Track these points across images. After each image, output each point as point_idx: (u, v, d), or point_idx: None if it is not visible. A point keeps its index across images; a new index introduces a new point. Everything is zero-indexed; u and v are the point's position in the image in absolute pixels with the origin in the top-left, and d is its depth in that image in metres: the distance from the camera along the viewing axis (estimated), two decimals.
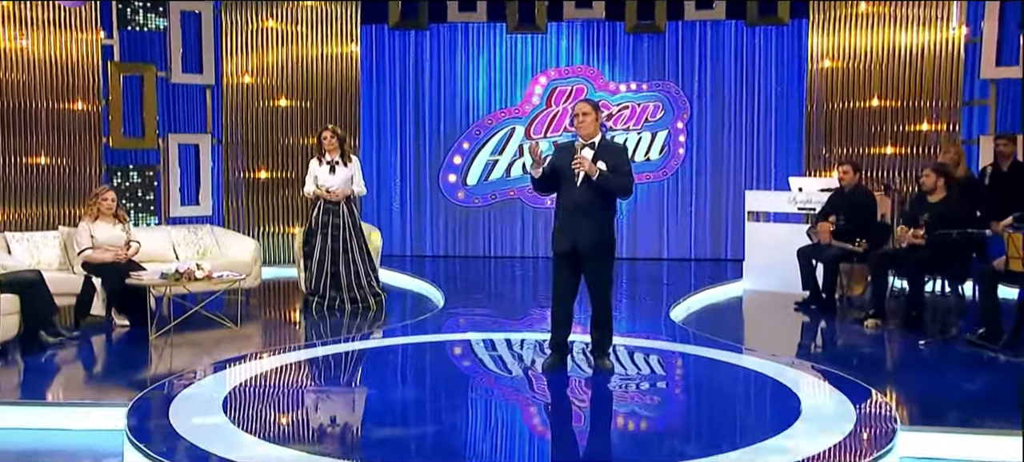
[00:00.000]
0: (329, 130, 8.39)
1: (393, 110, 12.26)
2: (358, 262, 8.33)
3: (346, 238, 8.29)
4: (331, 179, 8.28)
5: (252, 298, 8.91)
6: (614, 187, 5.68)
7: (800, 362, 6.28)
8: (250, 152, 11.21)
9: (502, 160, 12.18)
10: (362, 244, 8.43)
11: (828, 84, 10.93)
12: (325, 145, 8.30)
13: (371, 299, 8.35)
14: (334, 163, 8.29)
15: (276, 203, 11.35)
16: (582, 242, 5.68)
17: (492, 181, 12.21)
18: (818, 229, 8.38)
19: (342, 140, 8.40)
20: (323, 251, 8.27)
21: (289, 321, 8.31)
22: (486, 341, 6.93)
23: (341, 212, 8.31)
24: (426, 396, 5.55)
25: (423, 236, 12.39)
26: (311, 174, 8.39)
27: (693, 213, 12.03)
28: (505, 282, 10.39)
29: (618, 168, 5.68)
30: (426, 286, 9.75)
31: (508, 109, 12.17)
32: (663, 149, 11.95)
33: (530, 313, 8.44)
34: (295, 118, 11.35)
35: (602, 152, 5.71)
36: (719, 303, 9.10)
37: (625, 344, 6.62)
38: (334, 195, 8.25)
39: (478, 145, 12.23)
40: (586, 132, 5.71)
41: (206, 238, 9.00)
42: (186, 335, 7.13)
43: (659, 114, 11.94)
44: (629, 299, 8.90)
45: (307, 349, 6.71)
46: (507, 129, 12.17)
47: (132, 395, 5.34)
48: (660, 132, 11.95)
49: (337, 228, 8.29)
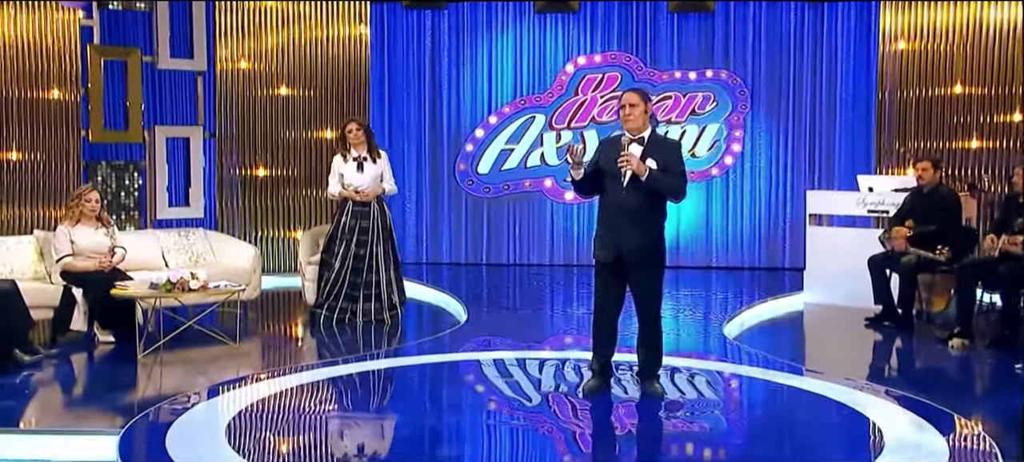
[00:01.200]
0: (355, 123, 8.39)
1: (407, 100, 12.30)
2: (382, 271, 8.33)
3: (374, 243, 8.31)
4: (359, 177, 8.29)
5: (251, 311, 8.94)
6: (665, 188, 5.66)
7: (872, 385, 6.23)
8: (247, 147, 11.25)
9: (518, 150, 12.22)
10: (391, 250, 8.44)
11: (903, 68, 10.84)
12: (350, 139, 8.31)
13: (387, 314, 8.37)
14: (362, 159, 8.32)
15: (276, 204, 11.40)
16: (628, 250, 5.66)
17: (505, 170, 12.27)
18: (892, 235, 8.30)
19: (370, 134, 8.43)
20: (345, 258, 8.29)
21: (293, 337, 8.34)
22: (518, 361, 6.93)
23: (371, 213, 8.32)
24: (450, 424, 5.56)
25: (440, 241, 12.43)
26: (335, 173, 8.40)
27: (746, 216, 12.02)
28: (535, 293, 10.39)
29: (670, 167, 5.65)
30: (445, 297, 9.78)
31: (531, 97, 12.21)
32: (713, 145, 11.93)
33: (566, 329, 8.44)
34: (297, 109, 11.38)
35: (652, 148, 5.69)
36: (777, 318, 9.08)
37: (674, 364, 6.61)
38: (364, 195, 8.29)
39: (493, 133, 12.27)
40: (634, 125, 5.68)
41: (199, 244, 9.04)
42: (178, 353, 7.14)
43: (709, 105, 11.90)
44: (677, 313, 8.90)
45: (316, 369, 6.74)
46: (526, 118, 12.20)
47: (118, 421, 5.35)
48: (710, 125, 11.93)
49: (365, 232, 8.30)
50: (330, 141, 11.31)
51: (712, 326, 8.36)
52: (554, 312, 9.38)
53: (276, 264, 11.40)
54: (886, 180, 9.67)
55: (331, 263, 8.35)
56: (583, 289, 10.45)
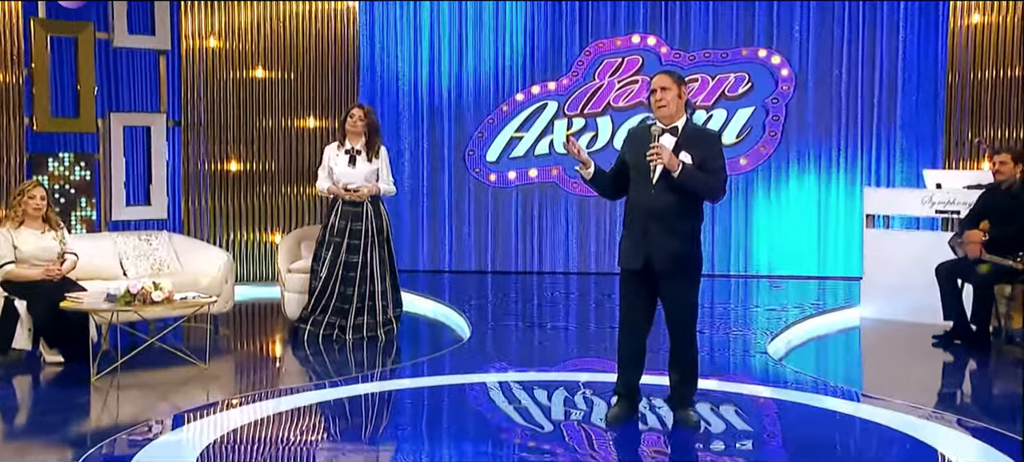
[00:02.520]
0: (361, 110, 8.42)
1: (401, 84, 12.35)
2: (376, 280, 8.36)
3: (367, 248, 8.33)
4: (350, 173, 8.32)
5: (223, 327, 8.96)
6: (701, 187, 5.64)
7: (940, 414, 6.22)
8: (217, 137, 11.28)
9: (527, 138, 12.33)
10: (387, 257, 8.46)
11: (976, 45, 10.82)
12: (349, 126, 8.35)
13: (381, 330, 8.40)
14: (355, 152, 8.34)
15: (251, 203, 11.43)
16: (658, 257, 5.65)
17: (514, 158, 12.36)
18: (965, 239, 8.28)
19: (374, 128, 8.42)
20: (334, 266, 8.31)
21: (271, 357, 8.35)
22: (529, 384, 6.95)
23: (364, 215, 8.33)
24: (453, 456, 5.57)
25: (440, 246, 12.50)
26: (325, 165, 8.43)
27: (792, 216, 12.02)
28: (549, 305, 10.40)
29: (707, 162, 5.64)
30: (446, 310, 9.81)
31: (546, 82, 12.29)
32: (743, 131, 11.96)
33: (586, 348, 8.45)
34: (275, 93, 11.41)
35: (687, 140, 5.67)
36: (829, 335, 9.11)
37: (710, 389, 6.62)
38: (358, 195, 8.31)
39: (504, 122, 12.36)
40: (666, 113, 5.67)
41: (162, 249, 9.06)
42: (138, 375, 7.15)
43: (742, 88, 11.93)
44: (714, 330, 8.93)
45: (298, 394, 6.74)
46: (538, 105, 12.29)
47: (68, 455, 5.34)
48: (742, 110, 11.96)
49: (357, 236, 8.32)
50: (313, 130, 11.34)
51: (754, 345, 8.36)
52: (571, 328, 9.39)
53: (252, 272, 11.42)
54: (957, 175, 9.65)
55: (318, 271, 8.36)
56: (606, 301, 10.49)
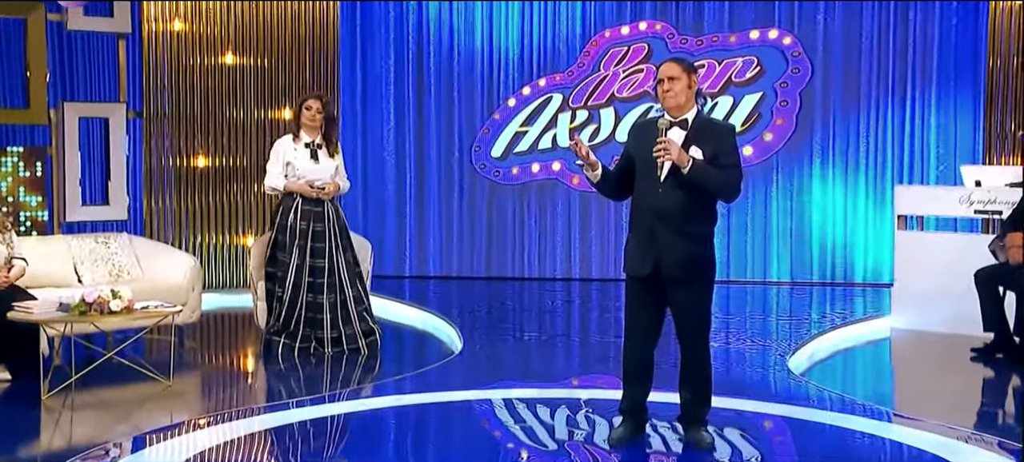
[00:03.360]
0: (319, 101, 8.38)
1: (386, 72, 12.35)
2: (346, 286, 8.34)
3: (333, 250, 8.31)
4: (315, 169, 8.29)
5: (189, 339, 8.93)
6: (713, 185, 5.64)
7: (980, 436, 6.20)
8: (183, 130, 11.21)
9: (530, 132, 12.37)
10: (353, 260, 8.45)
11: (1021, 30, 10.82)
12: (305, 119, 8.31)
13: (362, 340, 8.38)
14: (316, 147, 8.33)
15: (221, 202, 11.39)
16: (667, 262, 5.64)
17: (518, 154, 12.40)
18: (1007, 243, 8.25)
19: (331, 121, 8.42)
20: (300, 271, 8.25)
21: (242, 372, 8.33)
22: (527, 401, 6.95)
23: (326, 216, 8.33)
24: None
25: (426, 248, 12.50)
26: (279, 160, 8.37)
27: (814, 216, 12.01)
28: (548, 314, 10.40)
29: (720, 157, 5.64)
30: (434, 320, 9.79)
31: (551, 75, 12.33)
32: (751, 118, 11.96)
33: (588, 361, 8.45)
34: (247, 82, 11.37)
35: (698, 134, 5.67)
36: (856, 348, 9.12)
37: (724, 407, 6.61)
38: (325, 193, 8.29)
39: (509, 117, 12.40)
40: (674, 103, 5.66)
41: (122, 253, 8.99)
42: (94, 392, 7.11)
43: (750, 72, 11.95)
44: (730, 342, 8.93)
45: (272, 413, 6.72)
46: (543, 99, 12.35)
47: None
48: (749, 96, 11.97)
49: (321, 237, 8.29)
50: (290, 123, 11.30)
51: (773, 358, 8.36)
52: (572, 339, 9.40)
53: (221, 278, 11.39)
54: (998, 172, 9.64)
55: (282, 278, 8.31)
56: (610, 310, 10.50)
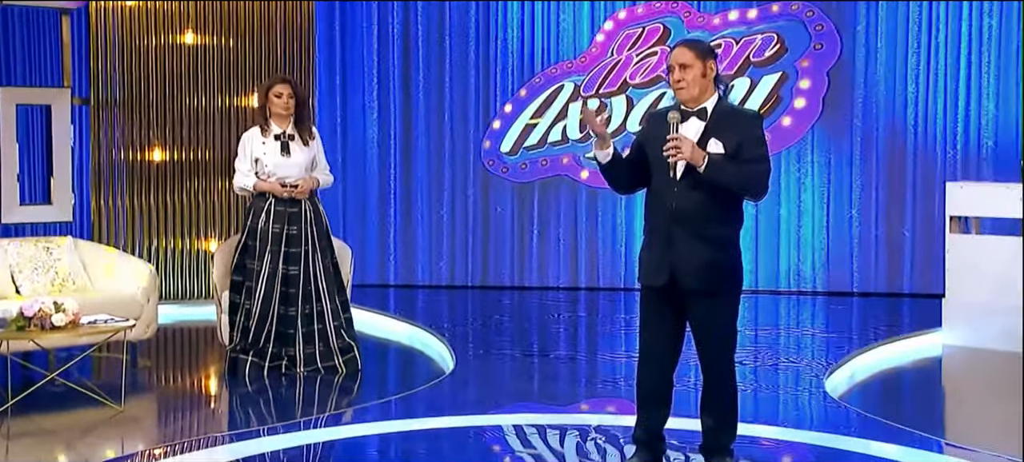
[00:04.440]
0: (286, 84, 8.34)
1: (369, 54, 12.42)
2: (324, 297, 8.33)
3: (310, 256, 8.30)
4: (285, 163, 8.27)
5: (143, 358, 8.90)
6: (735, 182, 5.60)
7: None
8: (137, 119, 11.18)
9: (541, 124, 12.47)
10: (331, 267, 8.43)
11: None
12: (275, 108, 8.28)
13: (339, 358, 8.38)
14: (287, 138, 8.32)
15: (180, 201, 11.36)
16: (685, 271, 5.62)
17: (528, 148, 12.51)
18: None
19: (303, 103, 8.39)
20: (271, 280, 8.23)
21: (204, 395, 8.31)
22: (528, 429, 6.98)
23: (303, 216, 8.30)
24: None
25: (414, 253, 12.55)
26: (246, 155, 8.34)
27: (853, 216, 12.03)
28: (551, 329, 10.41)
29: (744, 150, 5.60)
30: (423, 335, 9.80)
31: (562, 63, 12.45)
32: (769, 101, 11.99)
33: (598, 383, 8.45)
34: (210, 64, 11.34)
35: (718, 125, 5.63)
36: (902, 368, 9.13)
37: (752, 434, 6.63)
38: (298, 191, 8.28)
39: (522, 107, 12.51)
40: (688, 94, 5.63)
41: (66, 260, 8.94)
42: (34, 419, 7.08)
43: (771, 50, 12.00)
44: (758, 360, 8.94)
45: (238, 443, 6.70)
46: (555, 88, 12.47)
47: None
48: (768, 77, 12.01)
49: (296, 242, 8.26)
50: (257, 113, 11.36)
51: (808, 379, 8.35)
52: (580, 357, 9.41)
53: (180, 288, 11.36)
54: None
55: (251, 288, 8.28)
56: (622, 324, 10.53)
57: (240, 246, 8.39)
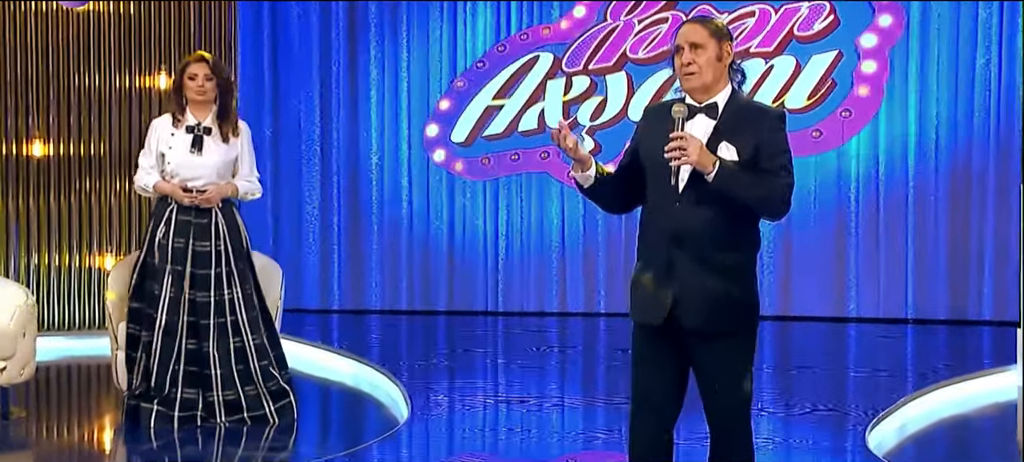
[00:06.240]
0: (202, 63, 8.33)
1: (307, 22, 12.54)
2: (245, 330, 8.30)
3: (225, 279, 8.29)
4: (194, 163, 8.25)
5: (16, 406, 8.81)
6: (751, 197, 5.53)
7: None
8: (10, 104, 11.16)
9: (508, 106, 12.51)
10: (252, 292, 8.43)
11: None
12: (190, 92, 8.27)
13: (267, 405, 8.35)
14: (202, 131, 8.30)
15: (67, 207, 11.35)
16: (688, 306, 5.57)
17: (490, 138, 12.56)
18: None
19: (226, 86, 8.38)
20: (174, 308, 8.20)
21: (96, 454, 8.28)
22: None
23: (214, 229, 8.27)
24: None
25: (363, 272, 12.66)
26: (151, 148, 8.33)
27: (907, 226, 12.10)
28: (529, 367, 10.44)
29: (764, 156, 5.55)
30: (373, 375, 9.82)
31: (536, 28, 12.46)
32: (818, 92, 12.05)
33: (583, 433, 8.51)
34: (105, 36, 11.35)
35: (730, 124, 5.59)
36: (968, 415, 9.17)
37: None
38: (204, 198, 8.23)
39: (478, 86, 12.52)
40: (698, 83, 5.57)
41: None
42: None
43: (821, 21, 12.01)
44: (782, 406, 8.99)
45: None
46: (527, 59, 12.47)
47: None
48: (817, 57, 12.05)
49: (205, 261, 8.24)
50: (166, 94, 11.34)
51: (846, 432, 8.38)
52: (567, 402, 9.40)
53: (66, 317, 11.35)
54: None
55: (146, 315, 8.27)
56: (620, 359, 10.51)
57: (140, 264, 8.35)
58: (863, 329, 11.81)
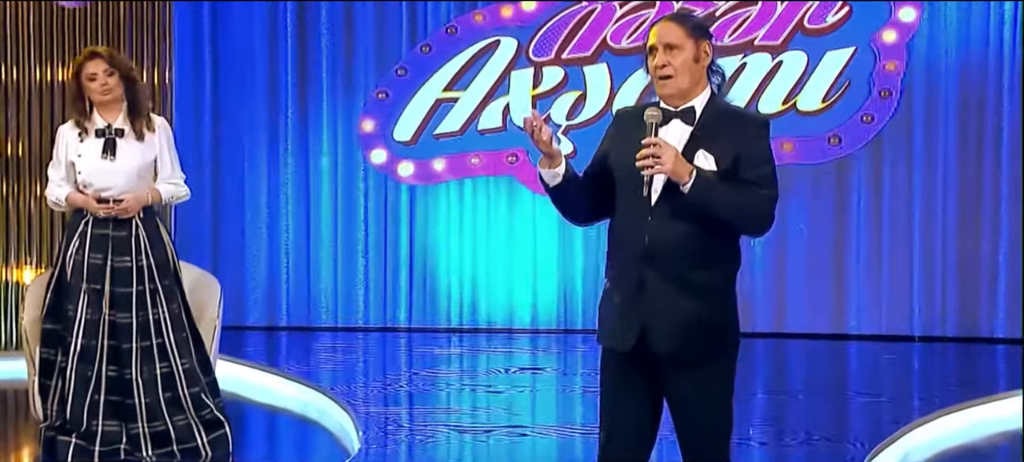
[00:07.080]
0: (97, 59, 8.26)
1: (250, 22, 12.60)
2: (173, 354, 8.27)
3: (145, 301, 8.26)
4: (107, 170, 8.23)
5: None
6: (730, 210, 5.57)
7: None
8: None
9: (465, 99, 12.53)
10: (180, 311, 8.38)
11: None
12: (91, 92, 8.24)
13: (199, 437, 8.35)
14: (113, 133, 8.27)
15: None
16: (660, 331, 5.59)
17: (443, 137, 12.56)
18: None
19: (131, 80, 8.32)
20: (91, 330, 8.15)
21: None
22: None
23: (134, 242, 8.24)
24: None
25: (313, 285, 12.68)
26: (60, 162, 8.31)
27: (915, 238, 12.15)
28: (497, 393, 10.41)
29: (745, 166, 5.56)
30: (321, 401, 9.82)
31: (494, 7, 12.46)
32: (838, 89, 12.07)
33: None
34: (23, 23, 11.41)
35: (709, 130, 5.61)
36: (976, 444, 9.21)
37: None
38: (122, 207, 8.18)
39: (423, 75, 12.52)
40: (674, 88, 5.59)
41: None
42: None
43: (835, 14, 12.04)
44: (773, 434, 8.99)
45: None
46: (484, 45, 12.47)
47: None
48: (832, 53, 12.09)
49: (123, 279, 8.23)
50: None
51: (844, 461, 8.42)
52: (538, 430, 9.42)
53: None
54: None
55: (61, 338, 8.25)
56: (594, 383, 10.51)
57: (53, 282, 8.30)
58: (864, 347, 11.87)
